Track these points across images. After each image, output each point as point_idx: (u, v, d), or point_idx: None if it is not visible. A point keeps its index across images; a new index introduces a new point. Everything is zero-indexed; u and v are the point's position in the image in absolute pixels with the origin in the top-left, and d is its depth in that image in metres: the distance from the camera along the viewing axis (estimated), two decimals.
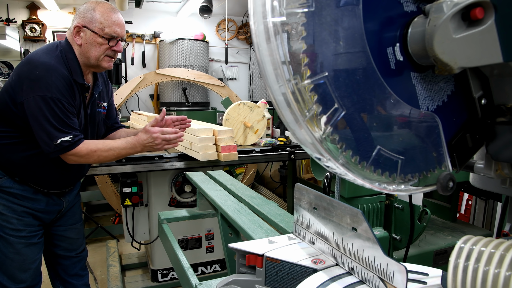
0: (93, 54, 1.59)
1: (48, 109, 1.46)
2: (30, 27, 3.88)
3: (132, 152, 1.69)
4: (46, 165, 1.63)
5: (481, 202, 2.99)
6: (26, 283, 1.67)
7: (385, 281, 0.56)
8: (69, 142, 1.50)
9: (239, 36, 4.83)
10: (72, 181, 1.79)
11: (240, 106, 2.70)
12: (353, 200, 1.82)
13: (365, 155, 0.55)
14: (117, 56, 1.69)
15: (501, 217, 1.15)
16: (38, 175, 1.63)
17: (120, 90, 3.58)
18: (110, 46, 1.61)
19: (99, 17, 1.57)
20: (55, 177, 1.68)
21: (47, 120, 1.46)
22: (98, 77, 1.77)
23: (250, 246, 0.74)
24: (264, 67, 0.54)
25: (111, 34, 1.58)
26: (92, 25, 1.57)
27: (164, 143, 1.71)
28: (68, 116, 1.52)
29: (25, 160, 1.60)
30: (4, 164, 1.61)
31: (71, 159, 1.56)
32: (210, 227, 2.87)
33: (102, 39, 1.58)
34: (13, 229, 1.61)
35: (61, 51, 1.57)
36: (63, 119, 1.50)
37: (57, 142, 1.48)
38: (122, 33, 1.64)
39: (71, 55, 1.59)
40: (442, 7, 0.51)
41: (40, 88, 1.46)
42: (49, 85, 1.46)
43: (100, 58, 1.60)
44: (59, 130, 1.49)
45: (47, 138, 1.48)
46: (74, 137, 1.52)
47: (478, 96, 0.62)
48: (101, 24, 1.57)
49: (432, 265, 1.95)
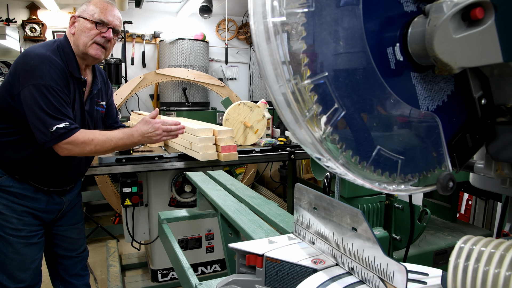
0: (82, 40, 1.60)
1: (41, 97, 1.46)
2: (30, 27, 3.88)
3: (129, 142, 1.67)
4: (46, 161, 1.63)
5: (481, 202, 2.99)
6: (25, 283, 1.67)
7: (385, 281, 0.56)
8: (65, 129, 1.49)
9: (239, 36, 4.83)
10: (72, 178, 1.79)
11: (240, 106, 2.70)
12: (353, 200, 1.82)
13: (365, 155, 0.55)
14: (108, 47, 1.68)
15: (501, 217, 1.15)
16: (38, 172, 1.63)
17: (120, 90, 3.58)
18: (100, 32, 1.61)
19: (93, 6, 1.62)
20: (55, 174, 1.67)
21: (40, 108, 1.46)
22: (97, 75, 1.78)
23: (250, 246, 0.74)
24: (264, 67, 0.54)
25: (100, 18, 1.60)
26: (85, 14, 1.61)
27: (164, 134, 1.72)
28: (62, 104, 1.52)
29: (25, 157, 1.60)
30: (4, 162, 1.61)
31: (66, 148, 1.52)
32: (210, 227, 2.87)
33: (91, 24, 1.60)
34: (13, 228, 1.61)
35: (58, 45, 1.60)
36: (57, 106, 1.49)
37: (53, 129, 1.47)
38: (114, 23, 1.64)
39: (68, 50, 1.61)
40: (442, 7, 0.51)
41: (34, 77, 1.47)
42: (43, 73, 1.47)
43: (88, 44, 1.60)
44: (53, 117, 1.48)
45: (42, 126, 1.47)
46: (69, 124, 1.51)
47: (478, 96, 0.62)
48: (93, 11, 1.61)
49: (432, 265, 1.95)
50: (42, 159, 1.62)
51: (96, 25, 1.61)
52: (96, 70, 1.80)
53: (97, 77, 1.77)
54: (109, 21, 1.63)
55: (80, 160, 1.76)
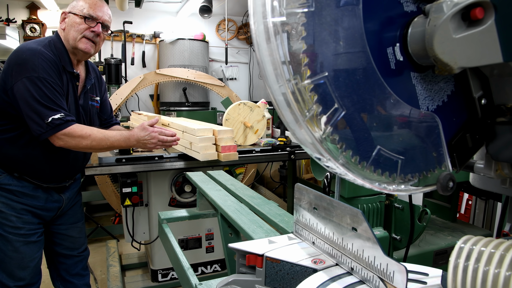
0: (71, 34, 1.63)
1: (35, 89, 1.48)
2: (30, 27, 3.88)
3: (124, 145, 1.70)
4: (42, 156, 1.64)
5: (481, 202, 2.99)
6: (25, 281, 1.68)
7: (385, 281, 0.56)
8: (61, 120, 1.50)
9: (239, 36, 4.83)
10: (70, 173, 1.79)
11: (240, 106, 2.70)
12: (353, 200, 1.82)
13: (365, 155, 0.55)
14: (98, 42, 1.70)
15: (501, 217, 1.15)
16: (35, 168, 1.64)
17: (120, 90, 3.58)
18: (89, 27, 1.64)
19: (82, 2, 1.65)
20: (52, 169, 1.68)
21: (35, 100, 1.47)
22: (90, 71, 1.81)
23: (250, 246, 0.74)
24: (264, 67, 0.54)
25: (89, 13, 1.63)
26: (74, 9, 1.65)
27: (159, 143, 1.75)
28: (57, 96, 1.53)
29: (22, 153, 1.61)
30: (2, 160, 1.62)
31: (62, 139, 1.53)
32: (210, 227, 2.87)
33: (80, 18, 1.63)
34: (12, 226, 1.62)
35: (49, 41, 1.63)
36: (52, 98, 1.51)
37: (48, 120, 1.48)
38: (103, 18, 1.67)
39: (60, 45, 1.64)
40: (442, 7, 0.51)
41: (26, 70, 1.48)
42: (36, 66, 1.49)
43: (77, 38, 1.63)
44: (48, 108, 1.49)
45: (38, 118, 1.48)
46: (65, 115, 1.52)
47: (478, 96, 0.62)
48: (82, 7, 1.64)
49: (432, 265, 1.95)
50: (39, 155, 1.63)
51: (85, 20, 1.63)
52: (89, 66, 1.82)
53: (90, 72, 1.80)
54: (98, 16, 1.66)
55: (76, 155, 1.77)
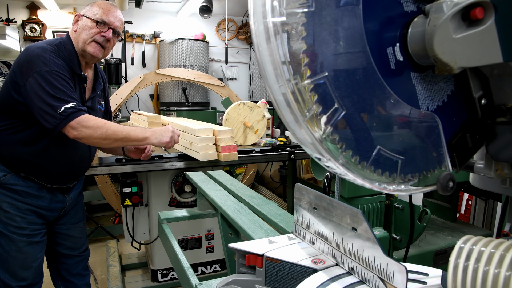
0: (82, 37, 1.64)
1: (46, 82, 1.48)
2: (30, 27, 3.88)
3: (140, 135, 1.67)
4: (50, 156, 1.65)
5: (481, 202, 2.99)
6: (27, 281, 1.69)
7: (385, 281, 0.56)
8: (73, 108, 1.49)
9: (239, 36, 4.83)
10: (76, 174, 1.80)
11: (240, 106, 2.70)
12: (353, 200, 1.82)
13: (365, 155, 0.55)
14: (107, 47, 1.70)
15: (501, 217, 1.15)
16: (42, 167, 1.65)
17: (120, 90, 3.58)
18: (100, 31, 1.65)
19: (97, 7, 1.67)
20: (59, 169, 1.69)
21: (47, 93, 1.47)
22: (99, 75, 1.82)
23: (250, 246, 0.74)
24: (264, 67, 0.54)
25: (102, 18, 1.65)
26: (88, 13, 1.66)
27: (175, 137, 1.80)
28: (68, 87, 1.53)
29: (29, 152, 1.61)
30: (9, 159, 1.62)
31: (76, 129, 1.50)
32: (210, 227, 2.87)
33: (93, 22, 1.64)
34: (16, 226, 1.63)
35: (60, 42, 1.63)
36: (63, 89, 1.51)
37: (61, 110, 1.47)
38: (114, 24, 1.68)
39: (70, 46, 1.65)
40: (442, 7, 0.51)
41: (38, 65, 1.49)
42: (46, 60, 1.50)
43: (87, 41, 1.64)
44: (60, 100, 1.48)
45: (50, 110, 1.47)
46: (77, 104, 1.52)
47: (478, 96, 0.62)
48: (96, 11, 1.66)
49: (432, 265, 1.95)
50: (46, 154, 1.64)
51: (97, 24, 1.64)
52: (98, 70, 1.84)
53: (99, 76, 1.82)
54: (110, 21, 1.66)
55: (82, 155, 1.78)
